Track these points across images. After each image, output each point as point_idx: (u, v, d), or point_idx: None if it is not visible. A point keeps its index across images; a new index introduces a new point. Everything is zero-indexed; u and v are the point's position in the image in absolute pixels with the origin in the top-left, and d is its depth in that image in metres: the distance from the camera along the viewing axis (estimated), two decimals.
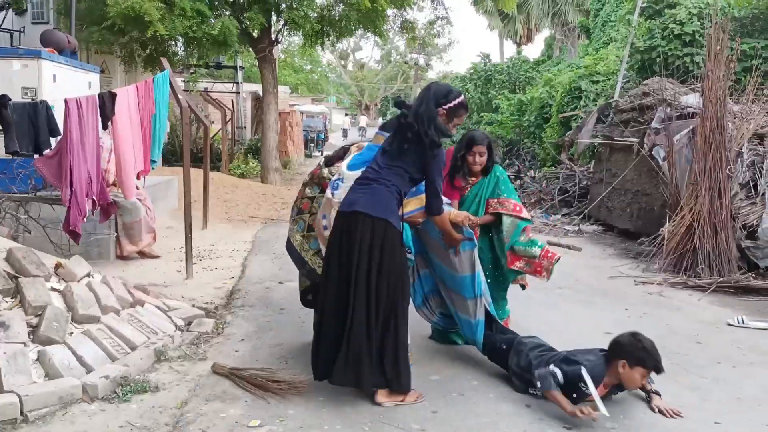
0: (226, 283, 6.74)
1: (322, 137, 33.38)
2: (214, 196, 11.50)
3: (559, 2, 30.76)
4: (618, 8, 19.03)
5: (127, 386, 3.98)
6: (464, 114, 4.18)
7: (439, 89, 4.10)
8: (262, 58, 15.76)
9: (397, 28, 16.85)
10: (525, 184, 14.78)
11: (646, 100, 9.61)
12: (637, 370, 3.76)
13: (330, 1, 15.06)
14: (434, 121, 3.88)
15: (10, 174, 6.50)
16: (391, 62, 57.40)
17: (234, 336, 5.12)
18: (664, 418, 3.82)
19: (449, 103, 4.03)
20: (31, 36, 14.04)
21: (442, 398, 4.02)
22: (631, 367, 3.77)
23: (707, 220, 7.21)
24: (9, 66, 7.54)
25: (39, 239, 6.45)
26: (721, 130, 7.41)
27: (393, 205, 3.87)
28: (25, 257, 4.61)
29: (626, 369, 3.78)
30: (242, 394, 4.03)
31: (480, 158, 4.96)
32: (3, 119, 6.01)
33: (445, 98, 4.04)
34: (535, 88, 19.43)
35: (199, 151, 14.87)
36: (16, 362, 3.79)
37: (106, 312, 4.67)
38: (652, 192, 9.19)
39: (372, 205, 3.80)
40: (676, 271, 7.31)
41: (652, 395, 3.98)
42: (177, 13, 12.30)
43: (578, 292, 6.71)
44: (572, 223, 10.99)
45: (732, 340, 5.29)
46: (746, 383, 4.38)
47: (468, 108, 4.40)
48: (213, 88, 22.28)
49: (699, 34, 10.59)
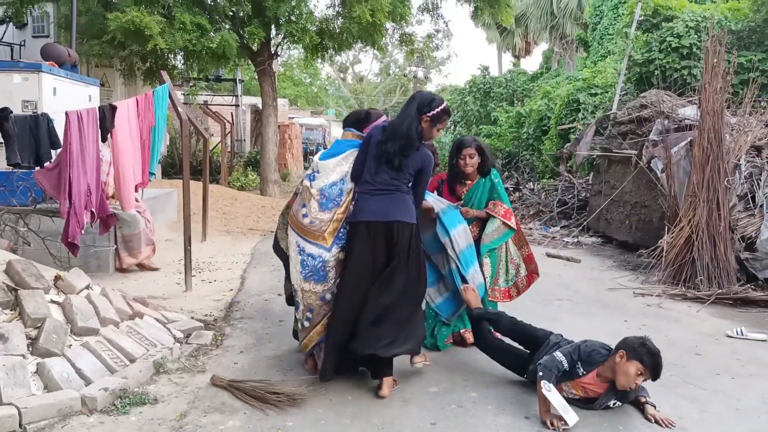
0: (225, 295, 6.74)
1: (321, 150, 33.37)
2: (213, 209, 11.52)
3: (558, 16, 30.93)
4: (616, 22, 19.13)
5: (126, 398, 3.97)
6: (446, 119, 4.49)
7: (423, 99, 4.40)
8: (262, 71, 15.83)
9: (396, 41, 16.93)
10: (524, 196, 14.80)
11: (644, 113, 9.65)
12: (633, 363, 3.81)
13: (329, 15, 15.15)
14: (411, 138, 4.26)
15: (10, 186, 6.52)
16: (390, 75, 57.54)
17: (233, 348, 5.12)
18: (661, 429, 3.82)
19: (432, 111, 4.32)
20: (31, 49, 14.12)
21: (441, 410, 4.02)
22: (628, 359, 3.83)
23: (706, 232, 7.22)
24: (10, 79, 7.57)
25: (38, 252, 6.46)
26: (719, 142, 7.44)
27: (413, 209, 4.41)
28: (24, 269, 4.61)
29: (623, 360, 3.84)
30: (241, 406, 4.02)
31: (471, 160, 5.18)
32: (4, 132, 6.03)
33: (428, 107, 4.33)
34: (533, 101, 19.49)
35: (199, 163, 14.93)
36: (15, 374, 3.79)
37: (105, 324, 4.67)
38: (650, 204, 9.21)
39: (403, 213, 4.29)
40: (675, 282, 7.31)
41: (647, 406, 3.99)
42: (177, 27, 12.38)
43: (577, 304, 6.71)
44: (571, 235, 11.01)
45: (731, 352, 5.29)
46: (745, 395, 4.38)
47: (450, 113, 4.76)
48: (212, 101, 22.36)
49: (696, 47, 10.66)
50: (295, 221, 4.40)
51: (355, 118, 4.77)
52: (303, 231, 4.32)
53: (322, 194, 4.28)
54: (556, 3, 31.16)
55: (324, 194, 4.28)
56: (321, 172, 4.34)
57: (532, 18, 32.75)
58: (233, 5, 13.99)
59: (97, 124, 5.90)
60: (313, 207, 4.28)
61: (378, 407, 4.05)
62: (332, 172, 4.33)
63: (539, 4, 32.16)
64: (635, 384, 3.86)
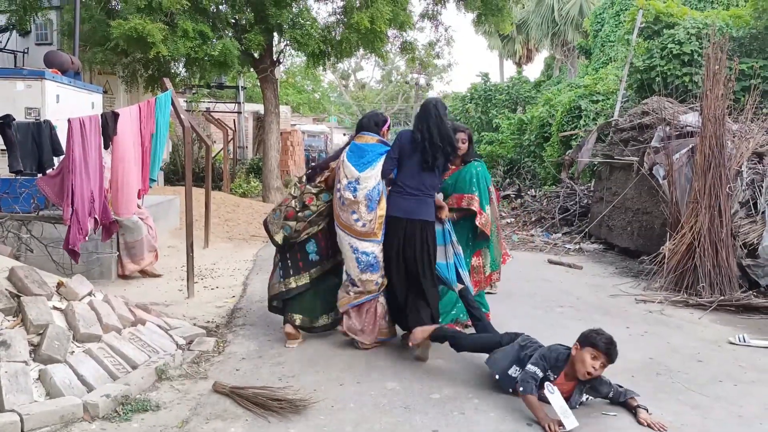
0: (227, 301, 6.75)
1: (324, 156, 33.49)
2: (215, 216, 11.53)
3: (559, 23, 30.97)
4: (617, 29, 19.16)
5: (128, 405, 3.98)
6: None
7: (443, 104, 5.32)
8: (264, 78, 15.86)
9: (397, 49, 16.96)
10: (526, 202, 14.80)
11: (646, 119, 9.65)
12: (587, 350, 4.00)
13: (330, 22, 15.18)
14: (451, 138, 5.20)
15: (13, 193, 6.53)
16: (392, 82, 57.63)
17: (235, 355, 5.13)
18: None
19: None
20: (34, 57, 14.20)
21: (443, 417, 4.02)
22: (582, 347, 4.05)
23: (708, 239, 7.21)
24: (13, 86, 7.60)
25: (41, 258, 6.47)
26: (721, 149, 7.44)
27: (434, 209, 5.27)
28: (27, 276, 4.62)
29: (578, 351, 4.04)
30: (243, 412, 4.02)
31: (462, 145, 5.66)
32: (7, 139, 6.05)
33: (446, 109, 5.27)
34: (535, 108, 19.51)
35: (201, 170, 14.94)
36: (17, 381, 3.80)
37: (107, 331, 4.68)
38: (652, 210, 9.21)
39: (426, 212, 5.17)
40: (677, 289, 7.30)
41: (639, 410, 4.03)
42: (179, 35, 12.40)
43: (579, 311, 6.70)
44: (573, 241, 11.01)
45: (733, 359, 5.28)
46: (747, 401, 4.37)
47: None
48: (215, 108, 22.39)
49: (698, 53, 10.66)
50: (350, 228, 5.12)
51: (375, 120, 5.35)
52: (358, 234, 5.11)
53: (367, 198, 5.05)
54: (557, 10, 31.22)
55: (368, 198, 5.05)
56: (362, 183, 5.06)
57: (533, 25, 32.80)
58: (235, 13, 14.03)
59: (99, 131, 5.92)
60: (362, 212, 5.07)
61: (380, 414, 4.04)
62: (371, 179, 5.07)
63: (540, 12, 32.21)
64: (593, 369, 4.01)
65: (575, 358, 4.06)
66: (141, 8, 11.90)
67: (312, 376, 4.68)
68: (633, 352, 5.30)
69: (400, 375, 4.72)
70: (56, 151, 6.34)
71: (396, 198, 5.17)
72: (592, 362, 3.99)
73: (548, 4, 31.80)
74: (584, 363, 4.00)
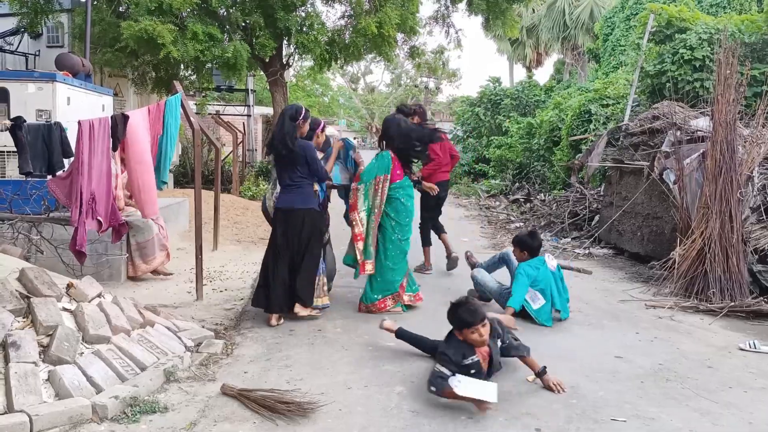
0: (235, 304, 6.75)
1: None
2: (224, 218, 11.54)
3: (569, 27, 30.95)
4: (628, 33, 19.10)
5: (136, 407, 3.99)
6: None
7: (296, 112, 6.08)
8: (274, 81, 15.89)
9: (406, 54, 16.97)
10: (535, 207, 14.76)
11: (656, 124, 9.61)
12: (465, 332, 4.38)
13: (339, 26, 15.21)
14: (291, 136, 5.96)
15: (24, 195, 6.57)
16: (402, 86, 57.73)
17: (243, 357, 5.13)
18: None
19: (299, 118, 6.03)
20: (46, 59, 14.29)
21: (452, 422, 4.01)
22: (460, 331, 4.42)
23: (718, 244, 7.17)
24: (24, 88, 7.66)
25: (51, 260, 6.50)
26: (732, 154, 7.40)
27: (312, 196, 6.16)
28: (37, 277, 4.64)
29: (461, 335, 4.42)
30: (251, 415, 4.03)
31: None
32: (17, 141, 6.08)
33: (296, 114, 6.03)
34: (544, 111, 19.46)
35: (211, 173, 14.98)
36: (26, 382, 3.81)
37: (116, 332, 4.69)
38: (662, 215, 9.16)
39: (303, 201, 6.08)
40: (687, 295, 7.26)
41: (544, 376, 4.54)
42: (189, 37, 12.45)
43: (588, 316, 6.67)
44: (582, 246, 10.96)
45: (743, 365, 5.24)
46: (758, 408, 4.34)
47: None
48: (224, 111, 22.45)
49: (709, 59, 10.59)
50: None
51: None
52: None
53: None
54: (568, 14, 31.19)
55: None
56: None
57: (543, 29, 32.82)
58: (245, 16, 14.07)
59: (108, 133, 5.95)
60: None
61: (388, 418, 4.04)
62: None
63: (551, 16, 32.21)
64: (483, 336, 4.37)
65: (467, 341, 4.40)
66: (152, 10, 11.96)
67: (320, 379, 4.68)
68: (642, 357, 5.28)
69: (408, 379, 4.71)
70: (66, 153, 6.38)
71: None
72: (476, 335, 4.35)
73: (559, 8, 31.80)
74: (474, 339, 4.37)
